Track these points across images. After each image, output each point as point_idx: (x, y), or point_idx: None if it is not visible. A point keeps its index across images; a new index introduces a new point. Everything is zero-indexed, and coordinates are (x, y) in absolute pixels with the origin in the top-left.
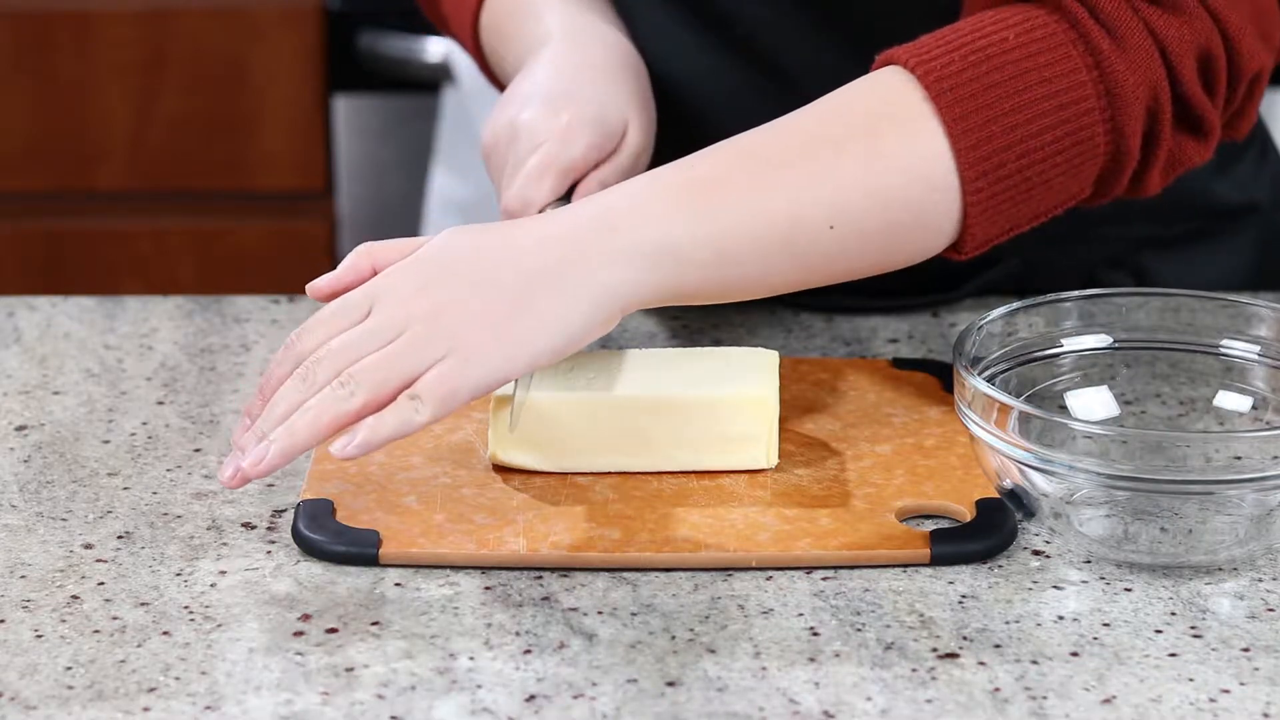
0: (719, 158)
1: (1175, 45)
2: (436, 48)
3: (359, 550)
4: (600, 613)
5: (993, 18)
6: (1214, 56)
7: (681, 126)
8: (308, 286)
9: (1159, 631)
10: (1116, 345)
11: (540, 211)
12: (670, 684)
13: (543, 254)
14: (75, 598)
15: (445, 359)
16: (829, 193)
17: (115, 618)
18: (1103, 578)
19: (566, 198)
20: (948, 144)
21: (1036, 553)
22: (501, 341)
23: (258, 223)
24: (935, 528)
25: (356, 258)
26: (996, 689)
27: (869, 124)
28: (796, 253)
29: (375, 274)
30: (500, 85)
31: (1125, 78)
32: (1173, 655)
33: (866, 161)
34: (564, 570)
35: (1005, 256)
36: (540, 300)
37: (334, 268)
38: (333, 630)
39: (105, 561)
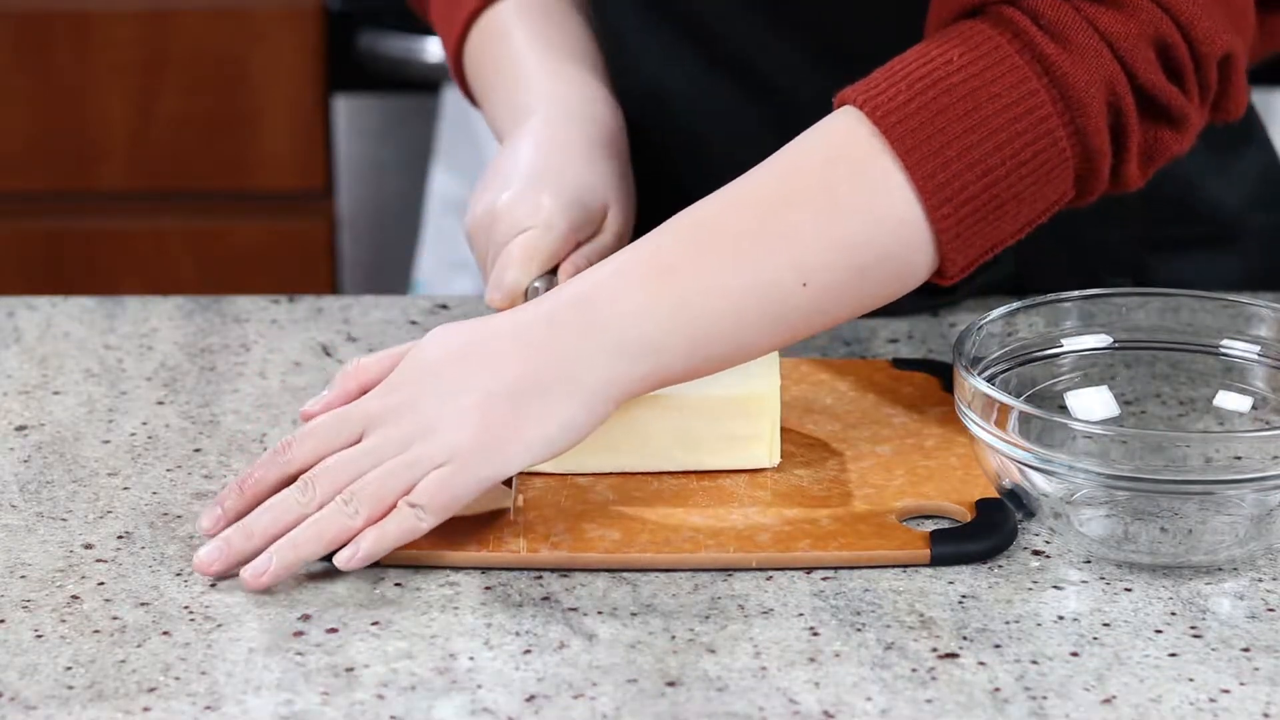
0: (684, 235)
1: (1123, 39)
2: (436, 48)
3: None
4: (600, 613)
5: (937, 42)
6: (1172, 44)
7: (672, 138)
8: (301, 412)
9: (1159, 631)
10: (1116, 345)
11: (524, 291)
12: (670, 684)
13: (528, 361)
14: (75, 598)
15: (443, 466)
16: (797, 254)
17: (115, 618)
18: (1103, 578)
19: (552, 272)
20: (905, 178)
21: (1036, 553)
22: (498, 447)
23: (258, 223)
24: (935, 528)
25: (344, 379)
26: (996, 689)
27: (825, 173)
28: (774, 319)
29: (362, 391)
30: (477, 106)
31: (1077, 78)
32: (1173, 655)
33: (828, 213)
34: (564, 570)
35: (1004, 259)
36: (532, 407)
37: (334, 268)
38: (333, 630)
39: (105, 561)
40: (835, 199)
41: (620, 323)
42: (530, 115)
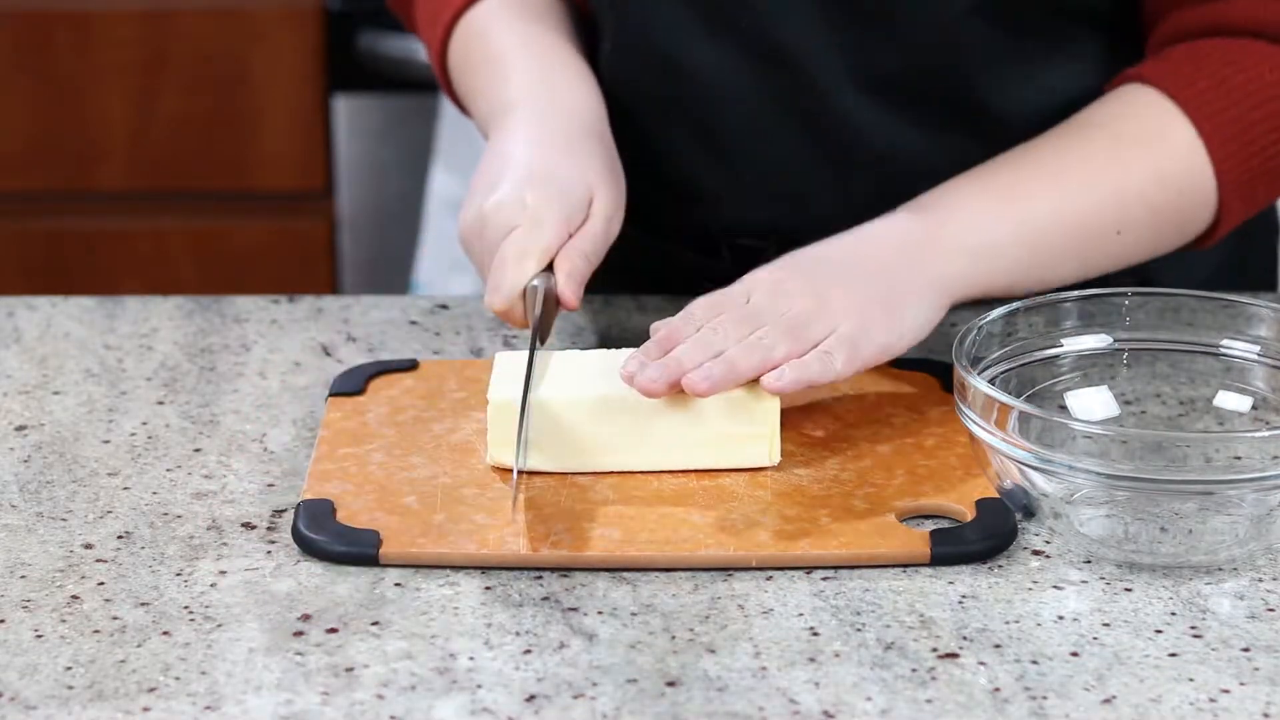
0: (1019, 167)
1: None
2: None
3: (359, 550)
4: (600, 613)
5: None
6: None
7: (679, 104)
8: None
9: (1159, 631)
10: (1116, 345)
11: (523, 291)
12: (670, 684)
13: (888, 255)
14: (75, 598)
15: (842, 327)
16: (1119, 206)
17: (115, 618)
18: (1103, 578)
19: (548, 268)
20: (1213, 173)
21: (1036, 553)
22: (883, 320)
23: (258, 223)
24: (935, 528)
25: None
26: (996, 689)
27: (1133, 132)
28: (1090, 250)
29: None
30: (462, 109)
31: None
32: (1173, 655)
33: (1149, 182)
34: (564, 570)
35: None
36: (898, 292)
37: (334, 268)
38: (333, 630)
39: (105, 561)
40: (1158, 170)
41: (965, 229)
42: (511, 112)
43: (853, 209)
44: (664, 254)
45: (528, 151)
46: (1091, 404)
